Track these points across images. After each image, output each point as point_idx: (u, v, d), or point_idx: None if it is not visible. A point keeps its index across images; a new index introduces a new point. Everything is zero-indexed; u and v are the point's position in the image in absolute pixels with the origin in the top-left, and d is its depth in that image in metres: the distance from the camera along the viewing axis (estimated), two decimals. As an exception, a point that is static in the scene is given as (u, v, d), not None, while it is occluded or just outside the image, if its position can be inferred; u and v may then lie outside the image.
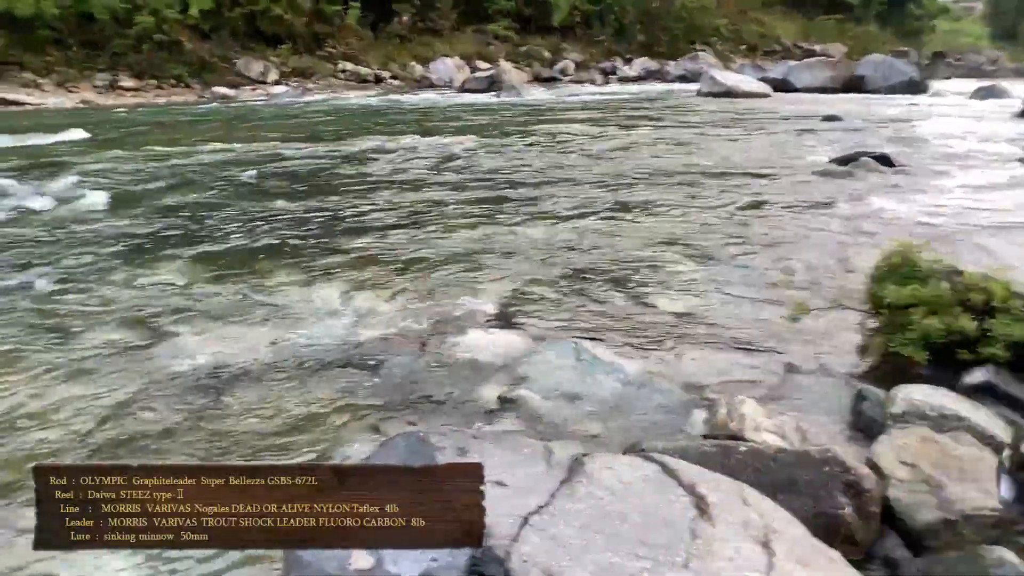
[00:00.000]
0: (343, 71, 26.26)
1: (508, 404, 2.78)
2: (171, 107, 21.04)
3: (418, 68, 26.64)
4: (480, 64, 26.75)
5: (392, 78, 26.43)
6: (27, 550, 1.09)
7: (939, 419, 2.32)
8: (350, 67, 26.34)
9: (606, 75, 29.81)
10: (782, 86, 21.78)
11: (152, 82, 25.16)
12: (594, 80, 28.55)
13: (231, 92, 23.89)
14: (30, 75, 24.49)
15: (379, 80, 26.10)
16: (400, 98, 21.52)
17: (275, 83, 24.97)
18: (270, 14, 26.08)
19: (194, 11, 25.16)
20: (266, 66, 25.62)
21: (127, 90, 24.71)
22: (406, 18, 27.85)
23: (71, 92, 24.31)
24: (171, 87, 25.17)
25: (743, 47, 37.41)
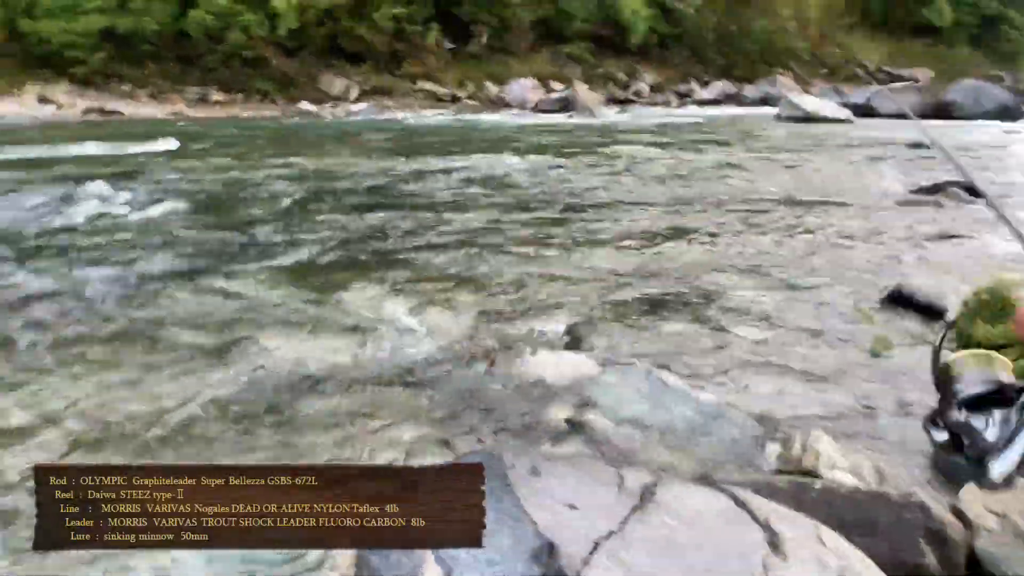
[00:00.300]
0: (421, 90, 26.87)
1: (576, 427, 2.78)
2: (256, 121, 21.89)
3: (493, 88, 27.03)
4: (555, 85, 26.95)
5: (468, 97, 26.89)
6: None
7: (1031, 468, 2.21)
8: (428, 86, 26.93)
9: (681, 97, 29.59)
10: (866, 111, 21.18)
11: (239, 96, 26.27)
12: (669, 102, 28.38)
13: (313, 108, 24.73)
14: (128, 87, 25.93)
15: (455, 99, 26.60)
16: (475, 117, 21.85)
17: (355, 100, 25.73)
18: (352, 33, 26.94)
19: (281, 29, 26.20)
20: (348, 84, 26.44)
21: (216, 103, 25.88)
22: (483, 39, 28.31)
23: (165, 104, 25.61)
24: (257, 102, 26.22)
25: (823, 71, 36.58)
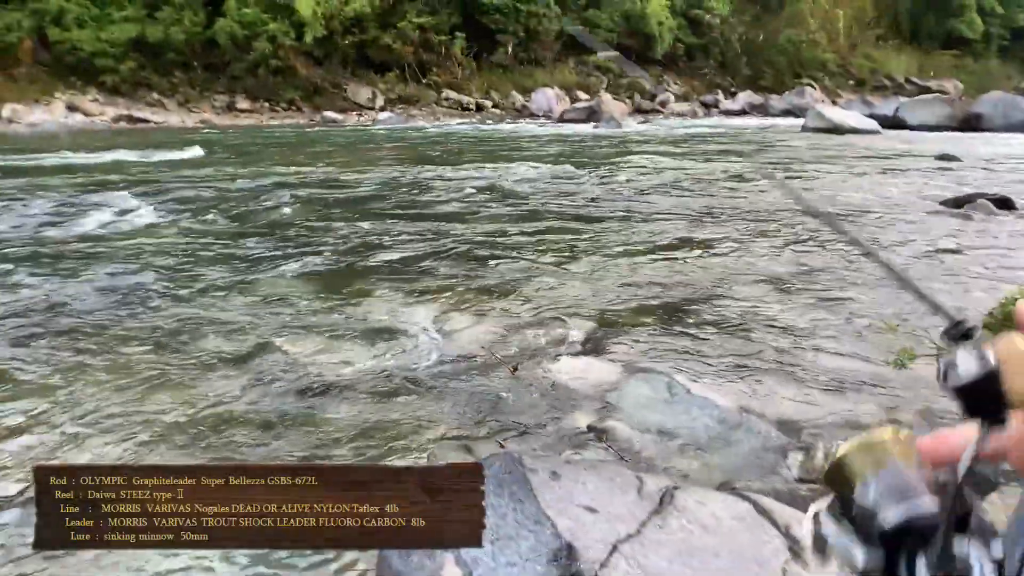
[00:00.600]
0: (446, 99, 27.05)
1: (598, 433, 2.78)
2: (283, 128, 22.16)
3: (518, 97, 27.14)
4: (580, 95, 27.01)
5: (493, 107, 27.02)
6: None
7: (1058, 481, 2.17)
8: (453, 95, 27.11)
9: (708, 108, 29.51)
10: (893, 123, 20.97)
11: (266, 104, 26.64)
12: (695, 113, 28.31)
13: (339, 116, 25.00)
14: (156, 95, 26.40)
15: (480, 108, 26.75)
16: (500, 127, 21.95)
17: (381, 109, 25.97)
18: (379, 43, 27.21)
19: (308, 38, 26.54)
20: (373, 92, 26.69)
21: (243, 111, 26.25)
22: (509, 49, 28.44)
23: (192, 112, 26.02)
24: (284, 110, 26.56)
25: (851, 82, 36.29)
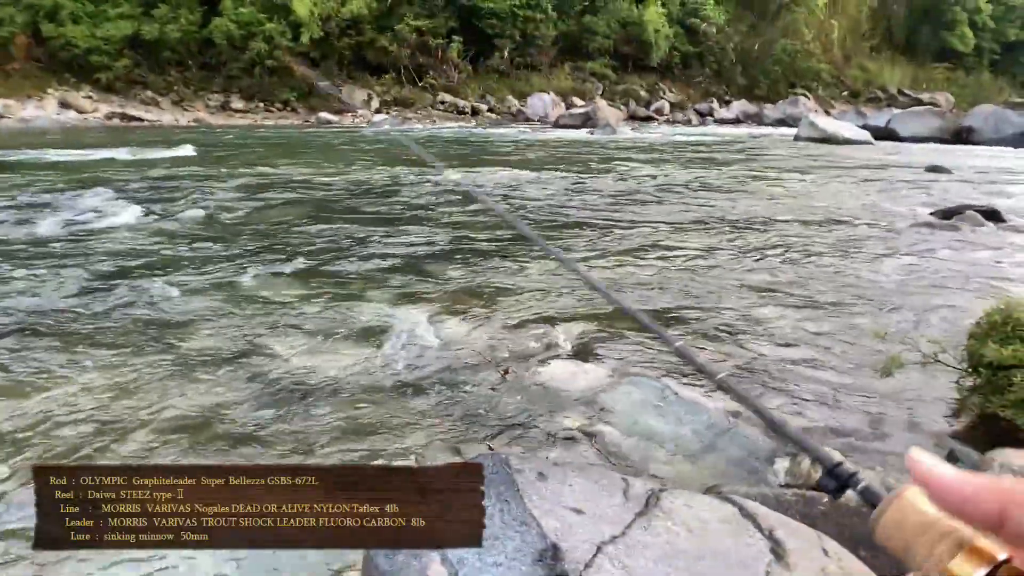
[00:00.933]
0: (442, 102, 27.10)
1: (587, 436, 2.80)
2: (277, 129, 22.13)
3: (514, 102, 27.21)
4: (576, 101, 27.10)
5: (489, 111, 27.08)
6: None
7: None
8: (449, 99, 27.15)
9: (702, 116, 29.66)
10: (885, 134, 21.13)
11: (261, 105, 26.62)
12: (690, 121, 28.45)
13: (334, 118, 24.99)
14: (151, 93, 26.35)
15: (476, 112, 26.80)
16: (495, 131, 22.00)
17: (376, 111, 25.99)
18: (376, 45, 27.24)
19: (304, 39, 26.54)
20: (369, 95, 26.72)
21: (237, 111, 26.22)
22: (506, 53, 28.51)
23: (186, 111, 25.98)
24: (278, 110, 26.54)
25: (845, 93, 36.53)
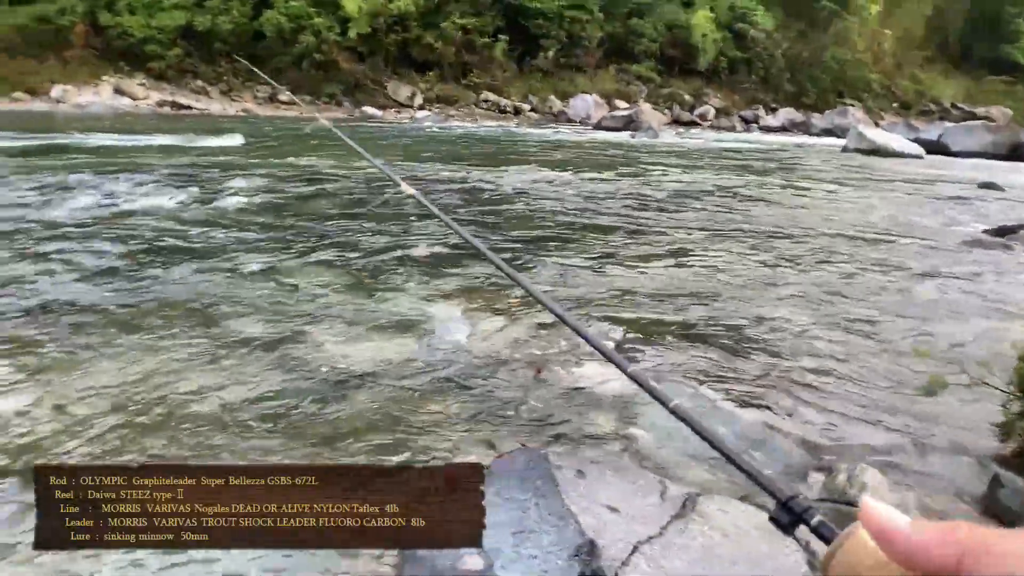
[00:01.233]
0: (484, 101, 27.18)
1: (619, 439, 2.80)
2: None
3: (557, 103, 27.17)
4: (619, 103, 26.97)
5: (531, 110, 27.08)
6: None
7: (1087, 517, 2.15)
8: (491, 97, 27.22)
9: (747, 123, 29.28)
10: (937, 148, 20.65)
11: (308, 98, 26.97)
12: (734, 127, 28.11)
13: (378, 113, 25.23)
14: (201, 83, 26.89)
15: (518, 112, 26.82)
16: (535, 131, 22.02)
17: (420, 108, 26.18)
18: (422, 42, 27.43)
19: (352, 34, 26.83)
20: (413, 91, 26.91)
21: (284, 103, 26.62)
22: (551, 53, 28.49)
23: (234, 101, 26.46)
24: (324, 104, 26.87)
25: (895, 104, 35.77)
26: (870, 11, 37.83)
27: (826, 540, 0.42)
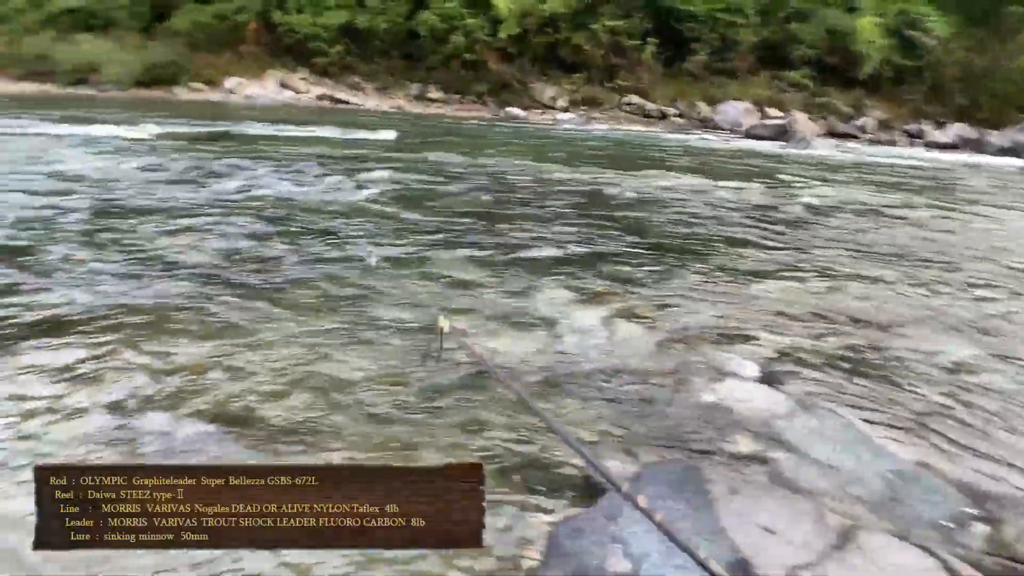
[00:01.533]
0: (629, 104, 26.94)
1: (762, 462, 2.72)
2: (468, 121, 23.04)
3: (705, 108, 26.49)
4: (770, 111, 25.94)
5: (677, 116, 26.57)
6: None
7: None
8: (637, 101, 26.94)
9: (911, 138, 27.29)
10: None
11: (455, 96, 27.78)
12: (895, 142, 26.29)
13: (522, 113, 25.61)
14: (358, 79, 28.30)
15: (663, 117, 26.39)
16: (681, 136, 21.61)
17: (564, 110, 26.32)
18: (570, 43, 27.55)
19: (502, 34, 27.34)
20: (558, 92, 27.09)
21: (433, 101, 27.56)
22: (701, 57, 27.83)
23: (388, 97, 27.66)
24: (470, 103, 27.58)
25: (1091, 123, 32.16)
26: (1064, 19, 34.25)
27: None
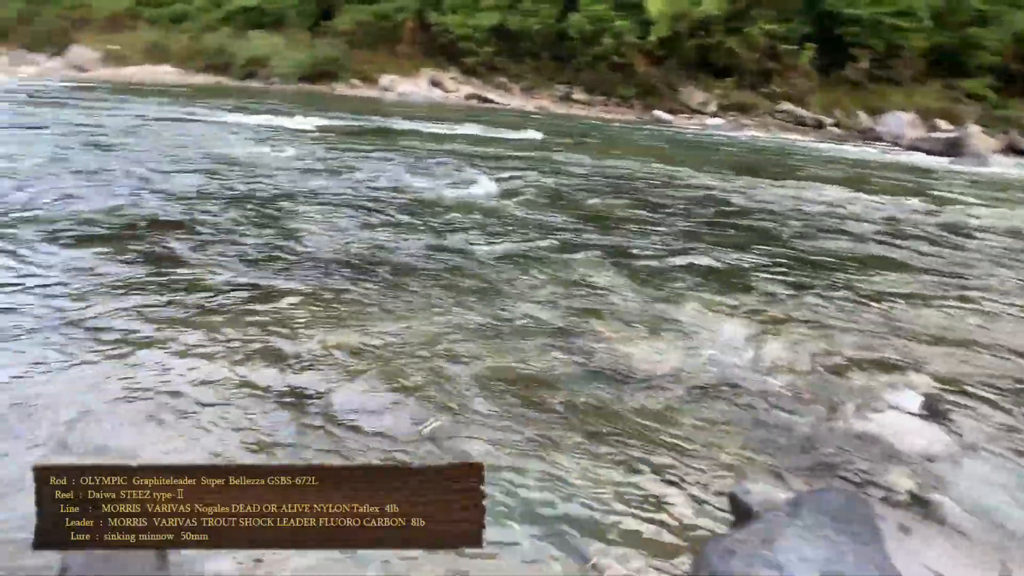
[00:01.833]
0: (782, 111, 25.81)
1: (924, 503, 2.53)
2: (613, 123, 22.89)
3: (864, 118, 24.90)
4: (940, 123, 24.02)
5: (833, 125, 25.16)
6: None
7: None
8: (790, 108, 25.76)
9: (1117, 155, 24.34)
10: None
11: (600, 98, 27.65)
12: (1090, 160, 23.59)
13: (668, 117, 25.13)
14: (505, 79, 28.78)
15: (819, 126, 25.06)
16: (836, 147, 20.46)
17: (713, 115, 25.59)
18: (723, 47, 26.73)
19: (653, 37, 26.90)
20: (707, 96, 26.38)
21: (577, 103, 27.56)
22: (864, 64, 26.21)
23: (532, 98, 27.95)
24: (616, 105, 27.37)
25: None
26: None
27: None
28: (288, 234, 5.64)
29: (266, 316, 3.86)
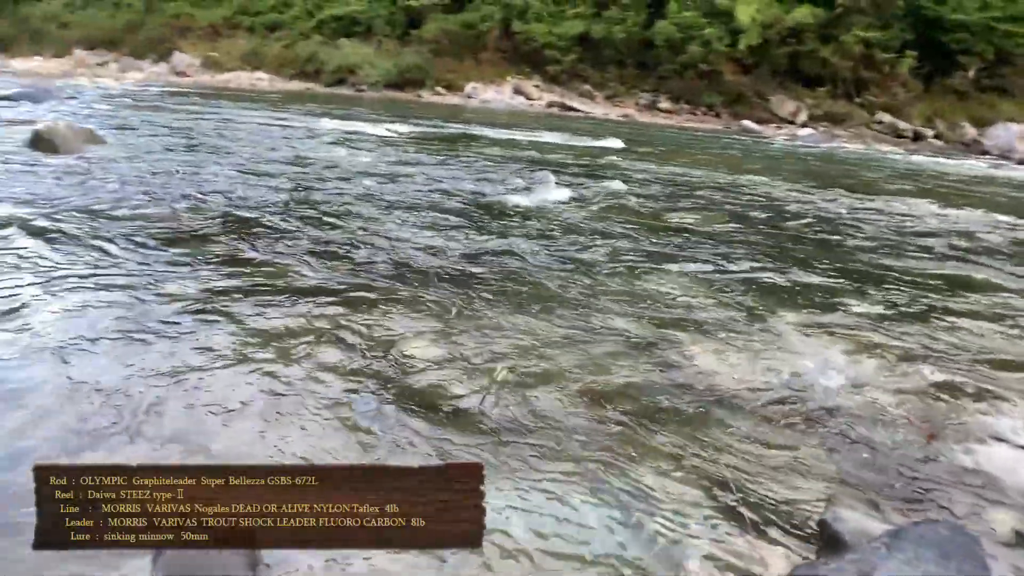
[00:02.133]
0: (878, 122, 24.77)
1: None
2: (700, 133, 22.50)
3: (970, 130, 23.62)
4: (1055, 136, 22.53)
5: (935, 137, 23.97)
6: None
7: None
8: (888, 119, 24.70)
9: None
10: None
11: (686, 107, 27.23)
12: None
13: (756, 127, 24.50)
14: (588, 87, 28.70)
15: (918, 137, 23.93)
16: (938, 160, 19.48)
17: (803, 125, 24.81)
18: (815, 55, 25.91)
19: (741, 45, 26.30)
20: (798, 106, 25.60)
21: (662, 111, 27.21)
22: (971, 73, 24.90)
23: (616, 106, 27.76)
24: (702, 114, 26.89)
25: None
26: None
27: None
28: (365, 233, 5.77)
29: (355, 318, 3.95)
